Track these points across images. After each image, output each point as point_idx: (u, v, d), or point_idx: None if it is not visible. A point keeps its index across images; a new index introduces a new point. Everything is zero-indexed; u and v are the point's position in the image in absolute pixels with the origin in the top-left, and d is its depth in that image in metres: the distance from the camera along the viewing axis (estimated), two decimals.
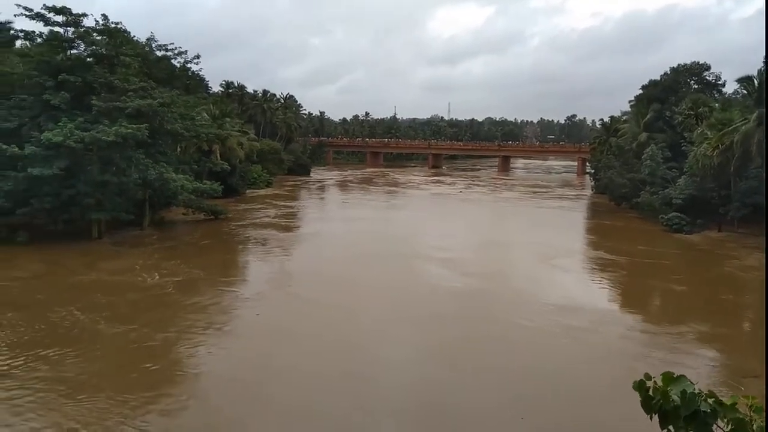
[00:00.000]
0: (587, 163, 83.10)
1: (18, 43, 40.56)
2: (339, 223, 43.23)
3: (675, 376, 3.01)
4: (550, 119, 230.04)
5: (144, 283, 24.47)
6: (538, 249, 33.51)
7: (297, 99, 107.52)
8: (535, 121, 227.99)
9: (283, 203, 52.57)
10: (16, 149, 28.82)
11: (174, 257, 29.52)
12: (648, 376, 3.01)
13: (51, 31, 33.22)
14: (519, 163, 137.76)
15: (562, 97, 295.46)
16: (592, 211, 54.77)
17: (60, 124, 29.79)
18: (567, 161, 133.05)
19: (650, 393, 2.96)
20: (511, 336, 19.09)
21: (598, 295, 25.46)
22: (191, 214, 41.40)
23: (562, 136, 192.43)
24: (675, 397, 2.87)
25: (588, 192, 69.19)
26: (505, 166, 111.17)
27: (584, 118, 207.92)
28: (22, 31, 35.34)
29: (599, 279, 28.35)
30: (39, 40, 34.15)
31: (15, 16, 34.04)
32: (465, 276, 27.14)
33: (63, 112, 31.07)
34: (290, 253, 32.70)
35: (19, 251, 28.84)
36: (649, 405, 3.00)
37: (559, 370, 16.21)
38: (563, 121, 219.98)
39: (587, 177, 78.08)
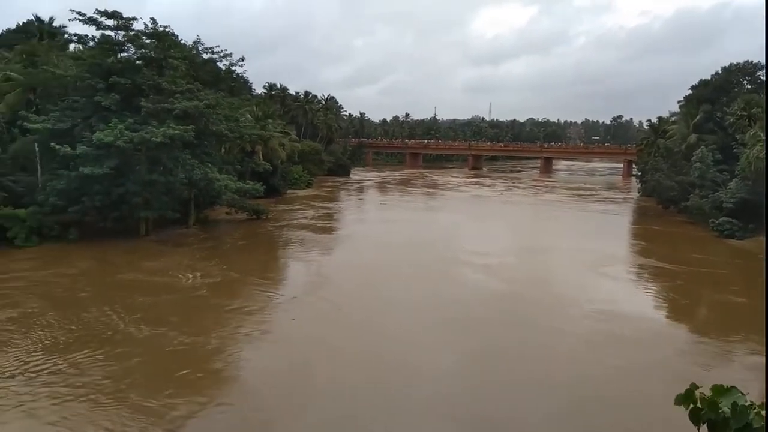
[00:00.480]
0: (633, 165, 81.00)
1: (72, 46, 42.25)
2: (376, 225, 43.26)
3: (725, 387, 2.90)
4: (595, 120, 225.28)
5: (185, 283, 24.77)
6: (583, 255, 32.14)
7: (338, 100, 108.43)
8: (579, 121, 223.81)
9: (322, 204, 52.99)
10: (69, 149, 29.94)
11: (214, 257, 30.06)
12: (695, 386, 2.91)
13: (102, 35, 34.43)
14: (561, 164, 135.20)
15: (607, 98, 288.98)
16: (638, 215, 53.25)
17: (110, 125, 30.82)
18: (612, 163, 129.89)
19: (698, 404, 2.86)
20: (554, 346, 18.31)
21: (649, 305, 24.22)
22: (234, 213, 42.27)
23: (607, 138, 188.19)
24: (725, 409, 2.77)
25: (634, 195, 67.36)
26: (547, 168, 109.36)
27: (631, 118, 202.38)
28: (75, 35, 36.72)
29: (650, 288, 27.07)
30: (91, 43, 35.41)
31: (69, 20, 35.60)
32: (506, 282, 26.33)
33: (113, 113, 32.15)
34: (327, 256, 32.45)
35: (71, 248, 30.01)
36: (696, 416, 2.90)
37: (606, 383, 15.57)
38: (608, 122, 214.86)
39: (633, 179, 76.10)
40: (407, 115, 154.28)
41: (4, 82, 35.33)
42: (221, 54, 38.89)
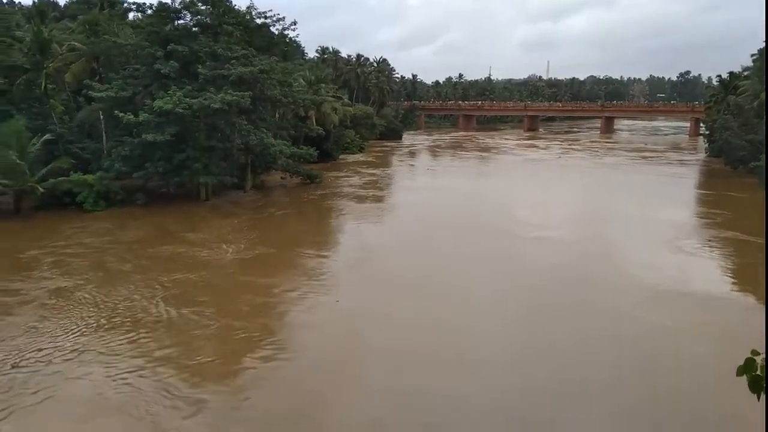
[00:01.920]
0: (701, 124, 77.07)
1: (131, 15, 43.33)
2: (426, 193, 41.50)
3: None
4: (660, 76, 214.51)
5: (233, 255, 23.86)
6: (654, 226, 29.17)
7: (390, 62, 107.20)
8: (644, 78, 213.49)
9: (372, 170, 52.71)
10: (132, 117, 30.99)
11: (263, 226, 29.75)
12: (756, 353, 2.82)
13: (159, 3, 35.03)
14: (623, 124, 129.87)
15: (674, 52, 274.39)
16: (708, 178, 50.43)
17: (170, 92, 31.63)
18: (678, 122, 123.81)
19: (758, 372, 2.77)
20: (628, 334, 15.91)
21: (744, 289, 20.41)
22: (289, 178, 43.00)
23: (673, 95, 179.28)
24: None
25: (701, 156, 64.25)
26: (608, 128, 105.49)
27: (699, 74, 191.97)
28: (134, 3, 37.65)
29: (742, 268, 23.17)
30: (149, 11, 36.17)
31: None
32: (569, 260, 23.36)
33: (172, 80, 32.91)
34: (374, 228, 30.68)
35: (134, 213, 31.29)
36: (757, 384, 2.82)
37: (697, 389, 13.34)
38: (675, 79, 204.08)
39: (700, 139, 72.49)
40: (461, 76, 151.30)
41: (69, 52, 36.68)
42: (274, 19, 38.84)
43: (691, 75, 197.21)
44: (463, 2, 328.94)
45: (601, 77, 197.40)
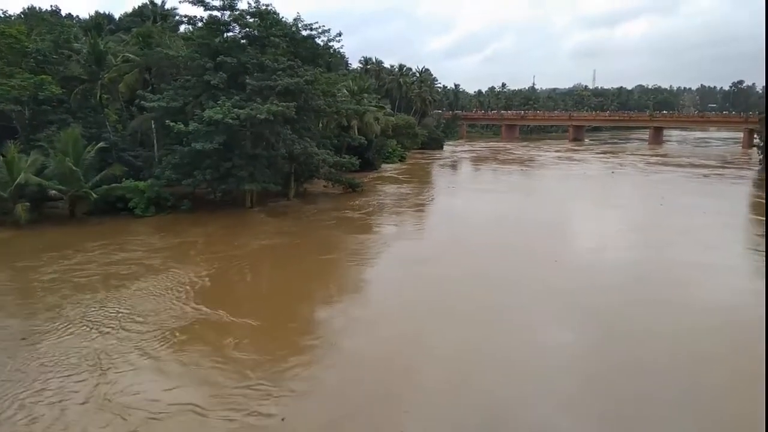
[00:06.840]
0: (755, 135, 74.22)
1: (182, 27, 44.67)
2: (465, 217, 36.12)
3: None
4: (712, 86, 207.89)
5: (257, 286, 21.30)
6: (748, 283, 21.70)
7: (434, 72, 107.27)
8: (694, 88, 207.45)
9: (411, 181, 52.08)
10: (182, 126, 31.78)
11: (291, 247, 27.54)
12: None
13: (210, 16, 35.93)
14: (671, 135, 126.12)
15: (727, 61, 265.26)
16: None
17: (219, 102, 32.38)
18: (729, 133, 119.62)
19: None
20: None
21: None
22: (331, 186, 43.35)
23: (725, 105, 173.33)
24: None
25: (756, 169, 61.74)
26: (656, 139, 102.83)
27: (753, 83, 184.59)
28: (185, 16, 38.66)
29: None
30: (200, 24, 37.11)
31: (179, 2, 37.41)
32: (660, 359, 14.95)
33: (221, 91, 33.68)
34: (406, 257, 25.58)
35: (179, 220, 32.03)
36: None
37: None
38: (727, 88, 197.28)
39: (754, 150, 69.74)
40: (503, 85, 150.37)
41: (123, 63, 38.03)
42: (320, 30, 39.30)
43: (744, 84, 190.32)
44: (519, 7, 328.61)
45: (650, 86, 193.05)
